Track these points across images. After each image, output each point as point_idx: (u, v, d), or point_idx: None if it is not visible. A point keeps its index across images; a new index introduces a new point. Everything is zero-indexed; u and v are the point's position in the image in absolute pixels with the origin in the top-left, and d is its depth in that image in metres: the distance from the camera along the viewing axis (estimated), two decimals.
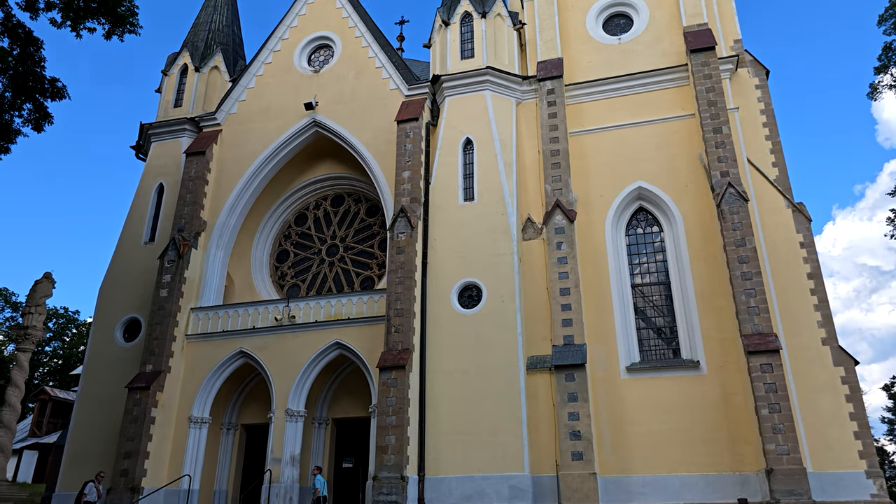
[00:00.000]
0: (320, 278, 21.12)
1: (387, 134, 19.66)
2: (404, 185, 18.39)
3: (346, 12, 22.04)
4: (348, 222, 21.74)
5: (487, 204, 18.05)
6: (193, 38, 23.57)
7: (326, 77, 21.36)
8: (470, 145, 19.04)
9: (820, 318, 16.10)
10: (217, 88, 22.88)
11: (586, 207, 18.32)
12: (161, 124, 22.07)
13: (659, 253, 18.17)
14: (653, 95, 19.22)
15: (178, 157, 21.46)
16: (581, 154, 18.96)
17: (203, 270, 19.66)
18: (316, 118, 20.74)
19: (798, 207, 17.33)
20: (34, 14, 14.75)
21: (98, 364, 19.24)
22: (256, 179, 20.80)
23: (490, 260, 17.32)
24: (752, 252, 15.88)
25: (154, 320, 18.39)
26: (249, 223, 21.44)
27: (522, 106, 20.00)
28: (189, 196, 20.06)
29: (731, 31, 19.96)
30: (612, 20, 20.97)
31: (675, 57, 19.33)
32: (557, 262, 17.15)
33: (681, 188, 17.97)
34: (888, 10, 23.27)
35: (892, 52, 23.62)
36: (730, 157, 17.03)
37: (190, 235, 19.57)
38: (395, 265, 17.31)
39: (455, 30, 20.56)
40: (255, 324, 18.40)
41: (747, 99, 19.08)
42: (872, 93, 24.75)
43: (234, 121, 21.66)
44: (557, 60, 20.04)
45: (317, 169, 22.01)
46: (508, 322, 16.52)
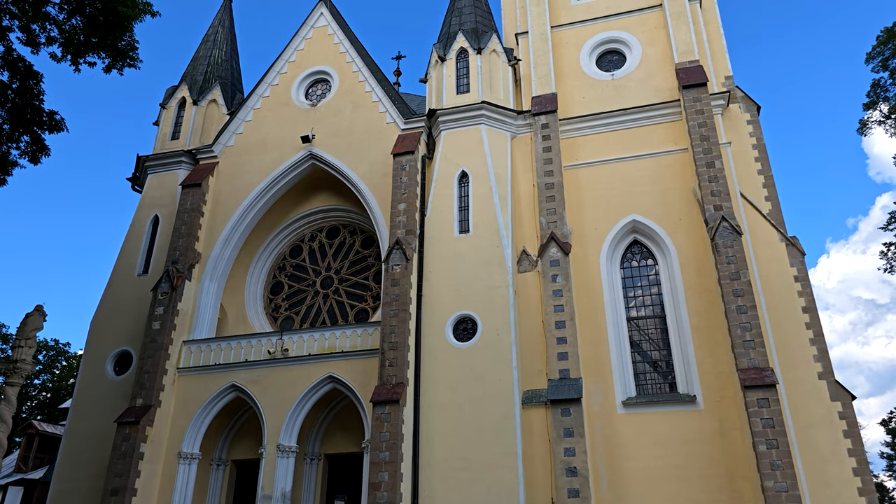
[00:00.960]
0: (314, 311, 21.00)
1: (383, 167, 19.81)
2: (400, 217, 18.45)
3: (343, 48, 22.40)
4: (343, 254, 21.74)
5: (483, 236, 18.09)
6: (192, 72, 23.88)
7: (324, 110, 21.60)
8: (465, 178, 19.18)
9: (816, 352, 16.05)
10: (214, 122, 23.10)
11: (581, 240, 18.38)
12: (158, 157, 22.20)
13: (654, 286, 18.18)
14: (646, 130, 19.47)
15: (174, 189, 21.53)
16: (576, 187, 19.11)
17: (196, 303, 19.54)
18: (312, 151, 20.91)
19: (791, 241, 17.42)
20: (35, 48, 14.95)
21: (87, 398, 18.95)
22: (252, 211, 20.85)
23: (485, 292, 17.28)
24: (746, 285, 15.90)
25: (146, 353, 18.19)
26: (244, 255, 21.40)
27: (517, 140, 20.23)
28: (184, 228, 20.05)
29: (722, 67, 20.37)
30: (605, 57, 21.38)
31: (668, 93, 19.64)
32: (553, 295, 17.12)
33: (675, 221, 18.08)
34: (875, 48, 23.86)
35: (881, 88, 24.13)
36: (723, 191, 17.18)
37: (184, 267, 19.50)
38: (389, 297, 17.24)
39: (451, 65, 20.91)
40: (248, 357, 18.21)
41: (739, 134, 19.34)
42: (862, 128, 25.22)
43: (231, 153, 21.82)
44: (552, 95, 20.35)
45: (312, 201, 22.09)
46: (504, 355, 16.40)
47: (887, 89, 24.23)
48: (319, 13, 23.25)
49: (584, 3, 22.36)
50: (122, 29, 16.02)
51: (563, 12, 22.37)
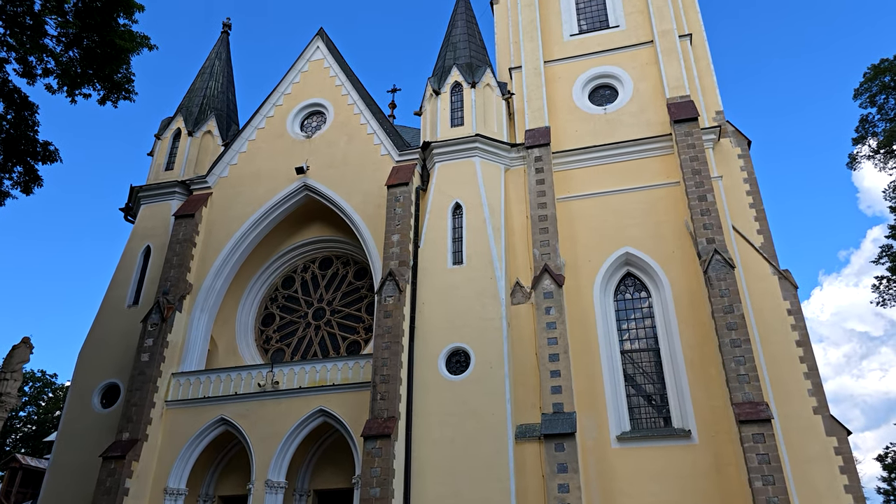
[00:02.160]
0: (306, 342, 20.80)
1: (377, 198, 19.85)
2: (393, 249, 18.42)
3: (339, 80, 22.66)
4: (336, 285, 21.63)
5: (476, 268, 18.06)
6: (188, 104, 24.07)
7: (318, 142, 21.74)
8: (459, 210, 19.24)
9: (810, 386, 15.95)
10: (209, 153, 23.20)
11: (575, 272, 18.37)
12: (151, 187, 22.22)
13: (647, 318, 18.12)
14: (638, 163, 19.64)
15: (166, 219, 21.48)
16: (569, 219, 19.18)
17: (186, 334, 19.33)
18: (307, 182, 20.97)
19: (784, 274, 17.45)
20: (31, 80, 15.03)
21: (73, 431, 18.58)
22: (245, 242, 20.79)
23: (478, 324, 17.17)
24: (740, 319, 15.86)
25: (133, 386, 17.90)
26: (236, 286, 21.28)
27: (511, 172, 20.36)
28: (176, 259, 19.95)
29: (712, 102, 20.66)
30: (597, 91, 21.68)
31: (660, 127, 19.87)
32: (546, 328, 17.03)
33: (668, 254, 18.11)
34: (863, 84, 24.35)
35: (869, 124, 24.57)
36: (715, 225, 17.26)
37: (175, 299, 19.34)
38: (382, 329, 17.10)
39: (445, 99, 21.15)
40: (238, 390, 17.95)
41: (730, 168, 19.52)
42: (852, 163, 25.58)
43: (225, 184, 21.85)
44: (545, 129, 20.56)
45: (305, 232, 22.08)
46: (497, 389, 16.22)
47: (875, 125, 24.68)
48: (316, 47, 23.57)
49: (577, 39, 22.78)
50: (118, 61, 16.17)
51: (555, 48, 22.76)
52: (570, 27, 23.19)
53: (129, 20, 16.27)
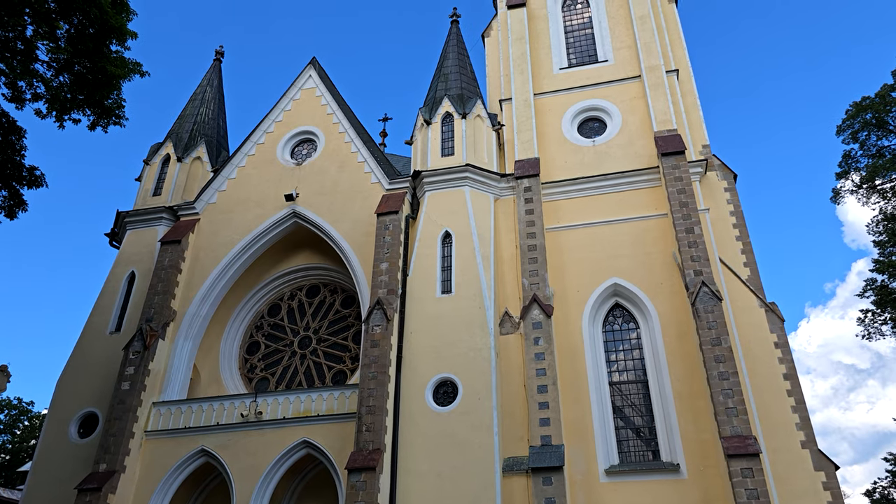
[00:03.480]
0: (291, 371, 20.48)
1: (366, 226, 19.81)
2: (382, 277, 18.31)
3: (330, 109, 22.78)
4: (323, 313, 21.42)
5: (465, 297, 17.97)
6: (178, 130, 24.06)
7: (308, 169, 21.75)
8: (448, 238, 19.23)
9: (798, 420, 15.90)
10: (198, 179, 23.11)
11: (563, 303, 18.34)
12: (138, 212, 22.04)
13: (636, 350, 18.07)
14: (627, 195, 19.81)
15: (152, 245, 21.26)
16: (558, 249, 19.23)
17: (169, 363, 18.96)
18: (295, 209, 20.90)
19: (771, 307, 17.52)
20: (20, 104, 14.96)
21: (48, 461, 18.04)
22: (231, 269, 20.58)
23: (467, 355, 17.02)
24: (727, 351, 15.84)
25: (113, 415, 17.46)
26: (221, 313, 20.99)
27: (501, 202, 20.44)
28: (160, 285, 19.69)
29: (699, 136, 20.97)
30: (586, 124, 21.96)
31: (647, 159, 20.10)
32: (535, 358, 16.92)
33: (655, 285, 18.15)
34: (845, 121, 24.89)
35: (852, 159, 25.05)
36: (702, 257, 17.35)
37: (158, 326, 19.02)
38: (368, 359, 16.89)
39: (436, 129, 21.31)
40: (220, 420, 17.57)
41: (717, 201, 19.74)
42: (835, 197, 26.00)
43: (213, 210, 21.72)
44: (534, 160, 20.73)
45: (293, 259, 21.92)
46: (484, 421, 16.00)
47: (858, 160, 25.17)
48: (308, 75, 23.75)
49: (566, 73, 23.15)
50: (109, 87, 16.16)
51: (545, 81, 23.10)
52: (560, 61, 23.59)
53: (121, 47, 16.32)
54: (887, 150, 25.10)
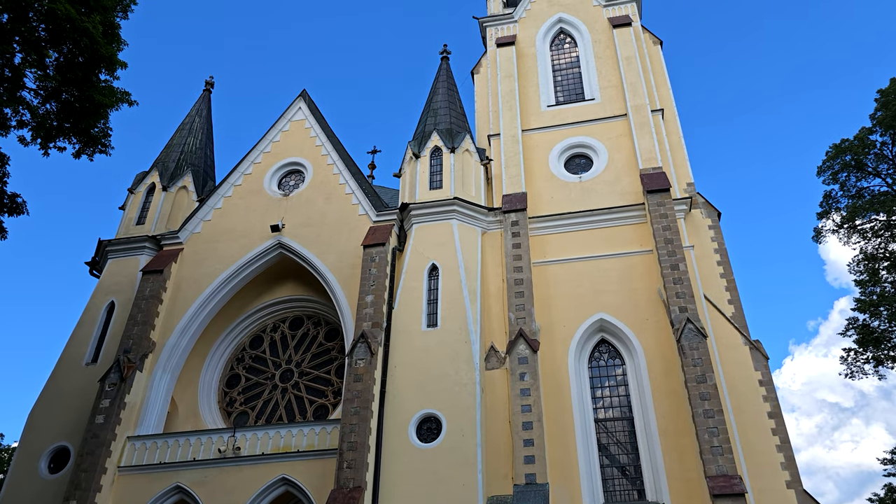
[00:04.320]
0: (271, 405, 20.03)
1: (352, 258, 19.70)
2: (367, 310, 18.13)
3: (319, 141, 22.87)
4: (306, 346, 21.09)
5: (451, 331, 17.83)
6: (165, 159, 23.98)
7: (295, 200, 21.70)
8: (435, 271, 19.15)
9: (783, 459, 15.82)
10: (183, 208, 22.93)
11: (550, 337, 18.25)
12: (120, 241, 21.73)
13: (621, 386, 17.95)
14: (613, 231, 19.94)
15: (134, 275, 20.91)
16: (544, 284, 19.22)
17: (146, 395, 18.46)
18: (281, 240, 20.76)
19: (755, 345, 17.55)
20: (5, 131, 14.85)
21: (16, 497, 17.31)
22: (214, 300, 20.28)
23: (451, 390, 16.79)
24: (712, 389, 15.78)
25: (85, 449, 16.91)
26: (201, 345, 20.60)
27: (488, 235, 20.48)
28: (140, 315, 19.31)
29: (683, 174, 21.26)
30: (573, 160, 22.23)
31: (633, 196, 20.30)
32: (520, 394, 16.75)
33: (641, 321, 18.14)
34: (825, 162, 25.42)
35: (832, 199, 25.51)
36: (687, 294, 17.41)
37: (136, 357, 18.58)
38: (351, 394, 16.59)
39: (425, 162, 21.43)
40: (196, 455, 17.08)
41: (701, 238, 19.90)
42: (817, 236, 26.36)
43: (197, 240, 21.51)
44: (522, 194, 20.87)
45: (278, 290, 21.68)
46: (468, 458, 15.70)
47: (838, 200, 25.63)
48: (298, 107, 23.88)
49: (554, 110, 23.53)
50: (96, 116, 16.11)
51: (533, 117, 23.44)
52: (548, 98, 23.99)
53: (110, 76, 16.34)
54: (867, 191, 25.62)
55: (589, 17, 25.83)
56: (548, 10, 26.59)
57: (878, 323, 24.30)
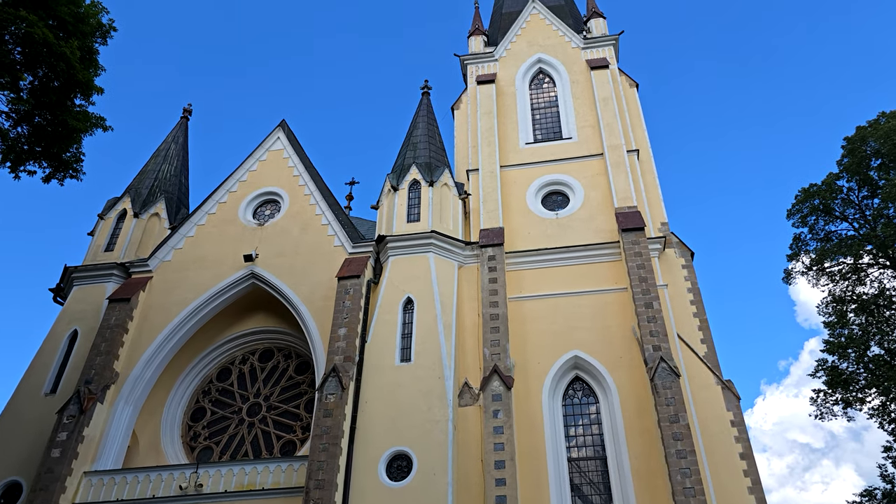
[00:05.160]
0: (237, 441, 19.40)
1: (326, 290, 19.45)
2: (339, 343, 17.83)
3: (297, 171, 22.79)
4: (275, 379, 20.59)
5: (424, 366, 17.57)
6: (138, 185, 23.63)
7: (270, 230, 21.47)
8: (410, 304, 18.98)
9: (755, 501, 15.75)
10: (154, 236, 22.53)
11: (524, 374, 18.10)
12: (87, 268, 21.18)
13: (595, 425, 17.79)
14: (588, 268, 20.04)
15: (99, 302, 20.34)
16: (520, 319, 19.17)
17: (106, 428, 17.75)
18: (254, 270, 20.45)
19: (727, 385, 17.60)
20: None
21: None
22: (182, 330, 19.78)
23: (423, 427, 16.46)
24: (685, 429, 15.72)
25: (38, 485, 16.11)
26: (167, 376, 19.98)
27: (464, 269, 20.43)
28: (104, 345, 18.71)
29: (658, 214, 21.57)
30: (550, 197, 22.46)
31: (608, 234, 20.51)
32: (493, 432, 16.48)
33: (615, 359, 18.11)
34: (795, 206, 26.05)
35: (801, 242, 26.07)
36: (661, 332, 17.47)
37: (98, 388, 17.92)
38: (320, 430, 16.17)
39: (403, 195, 21.45)
40: (156, 492, 16.40)
41: (675, 277, 20.08)
42: (787, 278, 26.83)
43: (168, 268, 21.07)
44: (499, 229, 20.96)
45: (248, 321, 21.25)
46: (439, 498, 15.31)
47: (807, 243, 26.22)
48: (276, 137, 23.85)
49: (532, 147, 23.87)
50: (69, 141, 15.89)
51: (511, 154, 23.73)
52: (526, 136, 24.34)
53: (86, 101, 16.19)
54: (834, 234, 26.27)
55: (568, 58, 26.48)
56: (528, 51, 27.21)
57: (846, 365, 24.66)
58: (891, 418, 24.47)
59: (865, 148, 25.25)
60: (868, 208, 25.96)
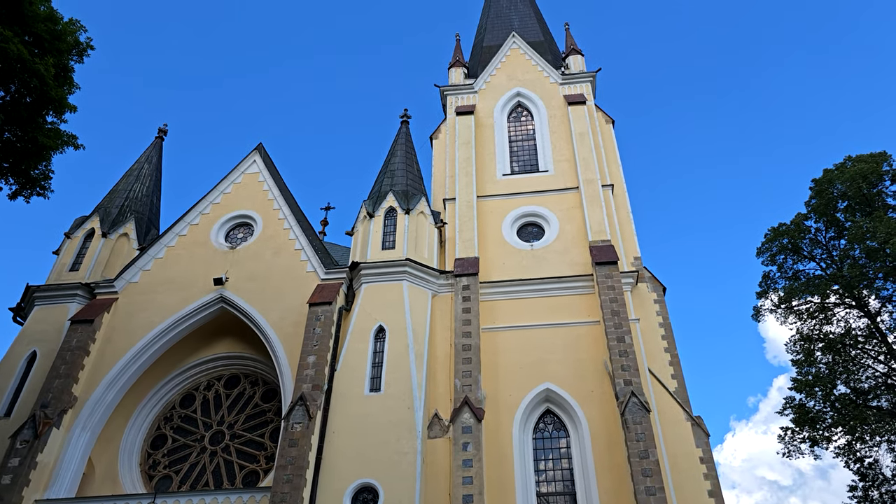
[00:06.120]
0: (198, 470, 18.77)
1: (297, 316, 19.15)
2: (307, 371, 17.49)
3: (272, 194, 22.61)
4: (240, 407, 20.06)
5: (394, 396, 17.29)
6: (108, 204, 23.20)
7: (242, 254, 21.17)
8: (382, 333, 18.76)
9: None
10: (122, 256, 22.06)
11: (495, 406, 17.91)
12: (51, 287, 20.61)
13: (565, 459, 17.61)
14: (562, 300, 20.08)
15: (61, 323, 19.74)
16: (492, 350, 19.05)
17: (61, 455, 17.06)
18: (224, 294, 20.08)
19: (697, 421, 17.60)
20: None
21: None
22: (146, 354, 19.24)
23: (391, 459, 16.12)
24: (654, 465, 15.62)
25: None
26: (128, 401, 19.33)
27: (438, 298, 20.32)
28: (63, 368, 18.09)
29: (631, 248, 21.79)
30: (525, 228, 22.59)
31: (582, 267, 20.63)
32: (462, 465, 16.20)
33: (587, 393, 18.04)
34: (764, 244, 26.57)
35: (770, 280, 26.50)
36: (632, 366, 17.48)
37: (54, 413, 17.26)
38: (284, 460, 15.74)
39: (379, 222, 21.37)
40: None
41: (647, 311, 20.21)
42: (756, 315, 27.19)
43: (134, 290, 20.60)
44: (474, 259, 20.96)
45: (215, 346, 20.77)
46: None
47: (776, 281, 26.67)
48: (253, 160, 23.70)
49: (509, 179, 24.08)
50: (39, 158, 15.63)
51: (488, 185, 23.90)
52: (504, 167, 24.58)
53: (58, 118, 15.98)
54: (802, 273, 26.79)
55: (546, 93, 26.95)
56: (507, 84, 27.65)
57: (813, 403, 24.90)
58: (856, 458, 24.71)
59: (832, 190, 25.96)
60: (835, 249, 26.59)
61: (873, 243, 23.09)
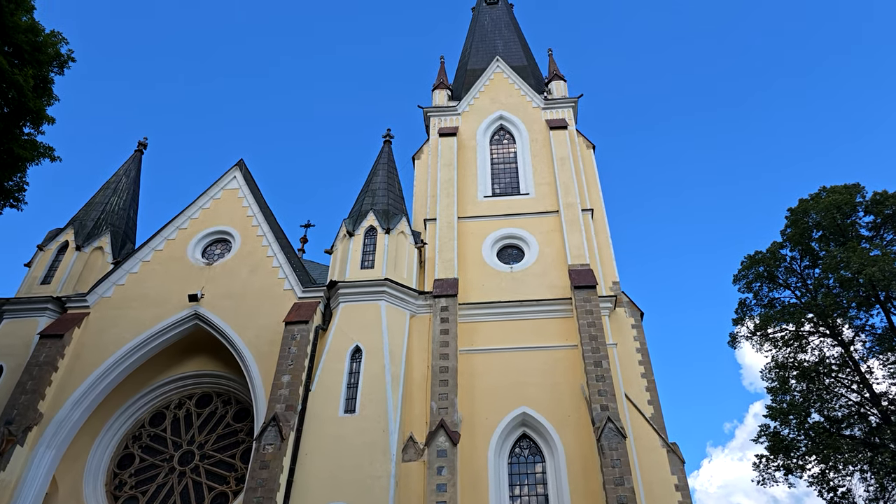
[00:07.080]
0: (165, 491, 18.29)
1: (272, 334, 18.91)
2: (282, 391, 17.23)
3: (251, 211, 22.43)
4: (211, 426, 19.66)
5: (369, 418, 17.07)
6: (83, 217, 22.84)
7: (219, 270, 20.91)
8: (359, 353, 18.57)
9: None
10: (96, 270, 21.68)
11: (471, 430, 17.76)
12: (20, 300, 20.16)
13: (540, 485, 17.46)
14: (540, 323, 20.08)
15: (30, 338, 19.28)
16: (469, 373, 18.94)
17: (23, 474, 16.53)
18: (198, 310, 19.78)
19: (672, 448, 17.60)
20: None
21: None
22: (116, 370, 18.83)
23: (364, 483, 15.85)
24: (630, 492, 15.55)
25: None
26: (95, 419, 18.86)
27: (416, 319, 20.20)
28: (30, 384, 17.63)
29: (609, 273, 21.93)
30: (505, 250, 22.65)
31: (561, 290, 20.68)
32: (436, 490, 15.99)
33: (563, 417, 17.97)
34: (740, 272, 26.90)
35: (746, 307, 26.79)
36: (609, 392, 17.47)
37: (19, 430, 16.77)
38: (255, 482, 15.41)
39: (358, 241, 21.28)
40: None
41: (624, 336, 20.29)
42: (732, 342, 27.42)
43: (106, 305, 20.22)
44: (453, 280, 20.93)
45: (188, 364, 20.39)
46: None
47: (752, 309, 26.97)
48: (233, 176, 23.54)
49: (490, 201, 24.19)
50: (14, 169, 15.40)
51: (469, 206, 23.98)
52: (485, 189, 24.70)
53: (35, 130, 15.80)
54: (778, 301, 27.14)
55: (528, 117, 27.26)
56: (490, 107, 27.93)
57: (787, 431, 25.05)
58: (829, 487, 24.83)
59: (807, 220, 26.45)
60: (809, 278, 27.02)
61: (847, 273, 23.50)
